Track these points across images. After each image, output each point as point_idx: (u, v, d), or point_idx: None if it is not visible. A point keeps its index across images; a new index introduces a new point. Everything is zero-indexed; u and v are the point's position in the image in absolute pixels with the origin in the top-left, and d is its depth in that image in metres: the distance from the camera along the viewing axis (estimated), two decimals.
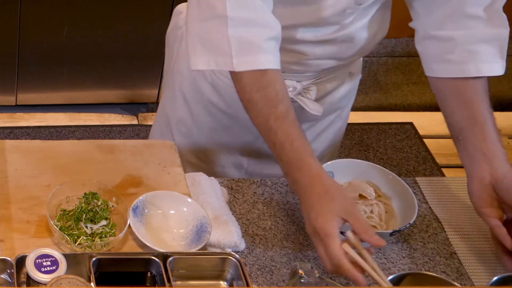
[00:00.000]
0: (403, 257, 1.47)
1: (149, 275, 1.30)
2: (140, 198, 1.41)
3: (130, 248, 1.36)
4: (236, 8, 1.36)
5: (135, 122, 3.16)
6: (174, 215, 1.42)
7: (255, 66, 1.38)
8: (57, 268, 1.23)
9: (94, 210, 1.37)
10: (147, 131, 2.41)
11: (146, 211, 1.41)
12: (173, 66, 1.77)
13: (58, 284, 1.17)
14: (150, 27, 2.96)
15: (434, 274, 1.35)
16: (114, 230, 1.37)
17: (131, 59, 3.05)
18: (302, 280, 1.26)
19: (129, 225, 1.35)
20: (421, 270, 1.44)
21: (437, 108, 1.52)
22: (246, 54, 1.37)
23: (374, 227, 1.45)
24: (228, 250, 1.40)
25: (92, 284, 1.23)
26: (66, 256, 1.25)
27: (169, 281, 1.26)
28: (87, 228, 1.35)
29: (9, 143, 1.56)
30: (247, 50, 1.37)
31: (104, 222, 1.37)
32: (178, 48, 1.75)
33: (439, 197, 1.62)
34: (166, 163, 1.56)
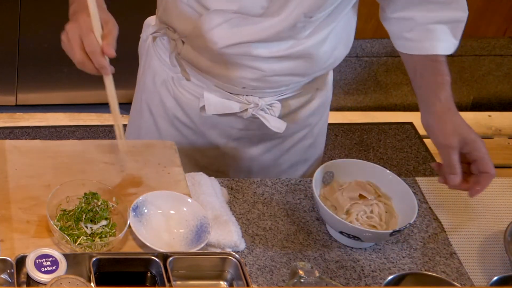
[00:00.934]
0: (403, 257, 1.47)
1: (149, 275, 1.30)
2: (140, 198, 1.41)
3: (130, 248, 1.36)
4: None
5: None
6: (174, 215, 1.42)
7: None
8: (57, 268, 1.22)
9: (94, 210, 1.37)
10: None
11: (146, 211, 1.41)
12: (140, 79, 1.76)
13: (58, 284, 1.16)
14: None
15: (434, 274, 1.36)
16: (114, 230, 1.36)
17: (131, 59, 3.05)
18: (302, 280, 1.26)
19: (129, 225, 1.35)
20: (421, 270, 1.44)
21: None
22: None
23: (374, 227, 1.45)
24: (228, 250, 1.40)
25: (92, 284, 1.23)
26: (66, 256, 1.25)
27: (169, 281, 1.26)
28: (87, 228, 1.35)
29: (9, 143, 1.55)
30: None
31: (104, 222, 1.36)
32: (145, 61, 1.73)
33: (439, 197, 1.62)
34: (166, 163, 1.56)
